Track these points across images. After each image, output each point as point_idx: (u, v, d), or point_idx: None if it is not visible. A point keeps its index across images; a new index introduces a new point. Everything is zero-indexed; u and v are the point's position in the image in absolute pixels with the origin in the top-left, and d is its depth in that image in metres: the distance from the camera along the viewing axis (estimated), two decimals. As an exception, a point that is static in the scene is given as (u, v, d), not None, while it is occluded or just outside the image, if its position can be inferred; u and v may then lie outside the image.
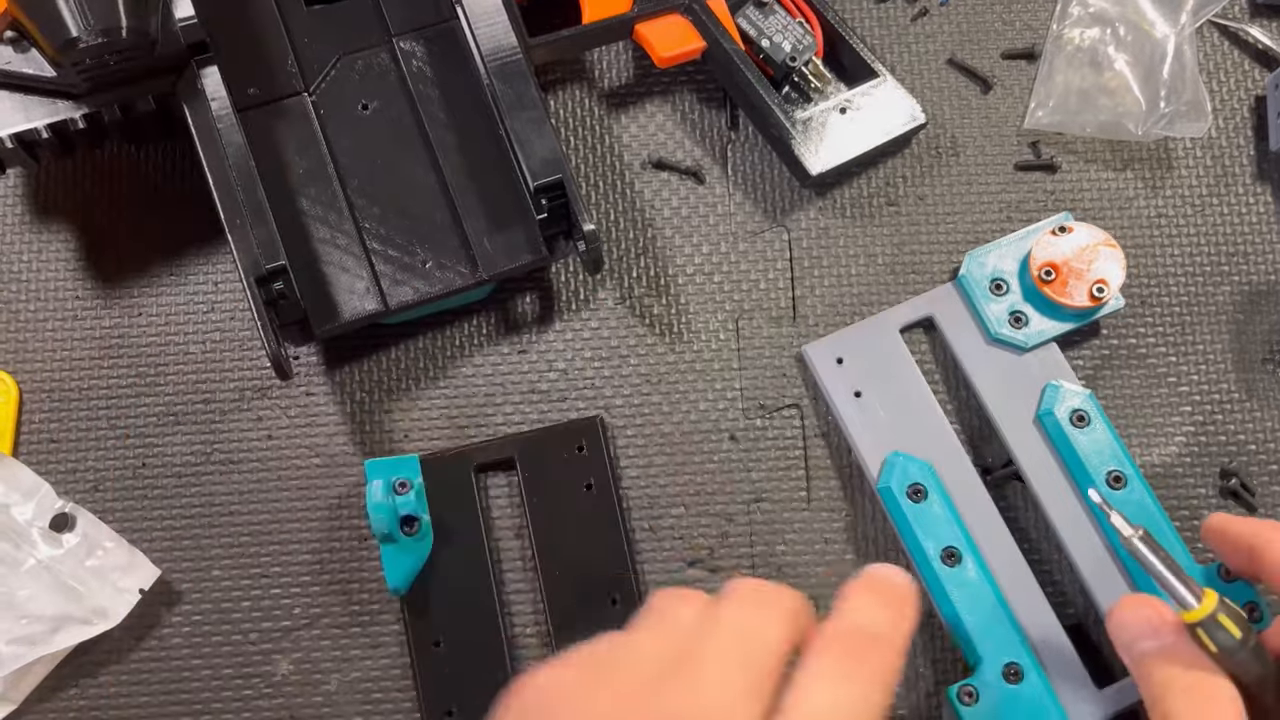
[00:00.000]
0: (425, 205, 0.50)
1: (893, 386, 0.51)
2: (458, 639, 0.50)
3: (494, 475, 0.52)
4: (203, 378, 0.53)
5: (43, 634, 0.48)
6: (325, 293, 0.49)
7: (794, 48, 0.54)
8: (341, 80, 0.51)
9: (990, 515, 0.49)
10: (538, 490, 0.51)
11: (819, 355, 0.52)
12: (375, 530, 0.47)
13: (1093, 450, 0.49)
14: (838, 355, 0.52)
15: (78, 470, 0.52)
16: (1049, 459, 0.50)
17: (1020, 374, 0.51)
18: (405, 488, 0.48)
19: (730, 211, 0.56)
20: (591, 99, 0.57)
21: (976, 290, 0.52)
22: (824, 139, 0.53)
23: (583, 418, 0.52)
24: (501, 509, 0.52)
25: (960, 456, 0.50)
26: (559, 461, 0.51)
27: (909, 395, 0.51)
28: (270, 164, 0.49)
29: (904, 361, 0.52)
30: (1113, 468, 0.49)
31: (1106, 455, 0.49)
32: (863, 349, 0.52)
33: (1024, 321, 0.51)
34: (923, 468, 0.49)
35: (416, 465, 0.50)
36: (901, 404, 0.51)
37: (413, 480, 0.49)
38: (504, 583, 0.51)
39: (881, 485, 0.49)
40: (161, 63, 0.47)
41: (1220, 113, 0.57)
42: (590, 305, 0.54)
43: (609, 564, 0.50)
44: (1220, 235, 0.56)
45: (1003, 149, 0.56)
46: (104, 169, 0.55)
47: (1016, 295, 0.52)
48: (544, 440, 0.52)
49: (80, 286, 0.54)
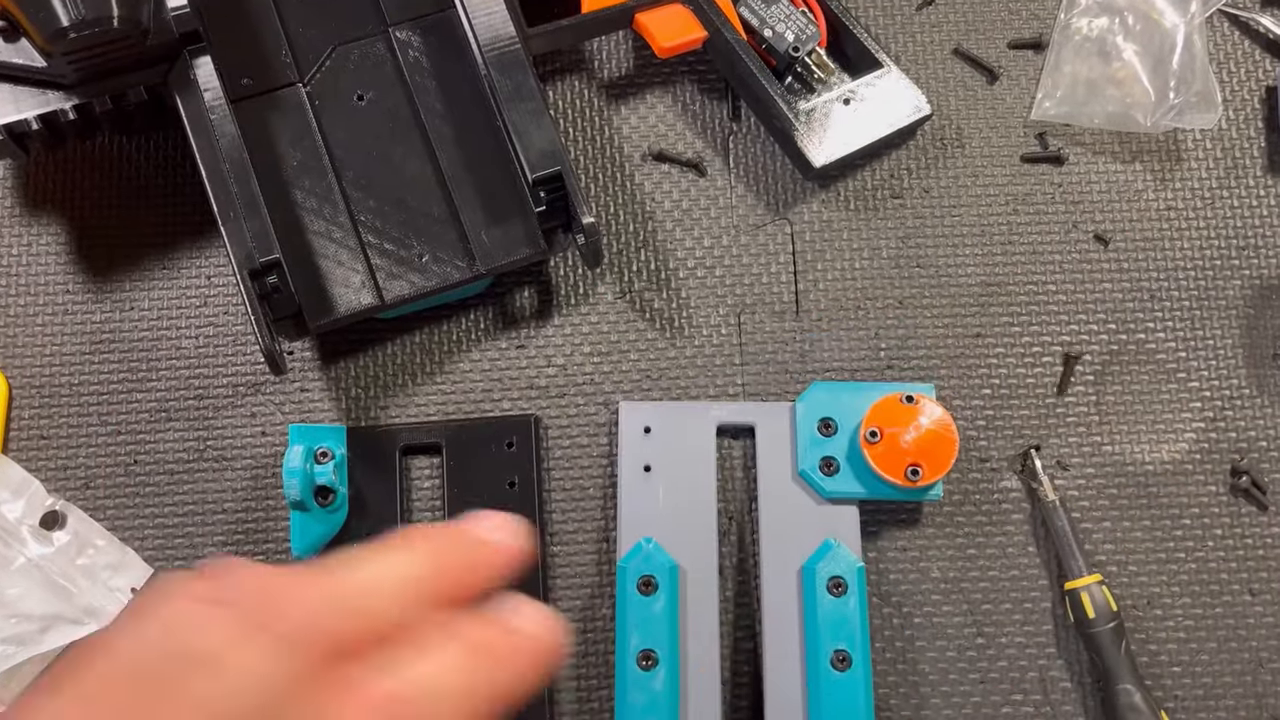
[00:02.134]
0: (422, 198, 0.50)
1: (683, 477, 0.50)
2: None
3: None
4: (195, 373, 0.53)
5: (32, 634, 0.49)
6: (320, 287, 0.49)
7: (797, 37, 0.54)
8: (337, 70, 0.51)
9: (710, 643, 0.48)
10: (460, 480, 0.51)
11: (629, 416, 0.51)
12: (287, 496, 0.48)
13: (834, 621, 0.47)
14: (647, 424, 0.51)
15: (68, 467, 0.52)
16: (791, 609, 0.49)
17: (808, 518, 0.50)
18: (326, 457, 0.49)
19: (732, 204, 0.56)
20: (591, 90, 0.57)
21: (806, 420, 0.50)
22: (827, 130, 0.53)
23: (520, 414, 0.52)
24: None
25: (711, 573, 0.49)
26: (486, 455, 0.51)
27: (693, 492, 0.50)
28: (264, 156, 0.49)
29: (705, 459, 0.51)
30: (842, 647, 0.47)
31: (844, 631, 0.47)
32: (673, 429, 0.51)
33: (835, 469, 0.50)
34: (668, 565, 0.48)
35: (343, 436, 0.50)
36: (682, 497, 0.50)
37: (335, 450, 0.49)
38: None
39: (621, 563, 0.49)
40: (153, 52, 0.47)
41: (1231, 104, 0.57)
42: (589, 300, 0.54)
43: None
44: (1230, 228, 0.56)
45: (1009, 141, 0.57)
46: (95, 160, 0.55)
47: (841, 442, 0.50)
48: (474, 431, 0.52)
49: (70, 280, 0.54)
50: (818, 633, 0.47)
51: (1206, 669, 0.51)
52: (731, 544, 0.51)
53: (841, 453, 0.50)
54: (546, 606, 0.31)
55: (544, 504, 0.52)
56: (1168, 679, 0.50)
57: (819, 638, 0.47)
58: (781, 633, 0.48)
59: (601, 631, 0.51)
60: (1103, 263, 0.55)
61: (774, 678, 0.48)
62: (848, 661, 0.47)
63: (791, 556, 0.49)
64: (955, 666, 0.50)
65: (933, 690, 0.50)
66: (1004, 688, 0.50)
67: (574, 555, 0.51)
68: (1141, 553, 0.52)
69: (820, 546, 0.49)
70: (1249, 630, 0.51)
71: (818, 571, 0.48)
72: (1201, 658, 0.51)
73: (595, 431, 0.53)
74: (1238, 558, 0.52)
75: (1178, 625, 0.51)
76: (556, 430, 0.53)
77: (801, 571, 0.49)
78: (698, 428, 0.51)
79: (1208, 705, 0.50)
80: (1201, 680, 0.51)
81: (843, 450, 0.50)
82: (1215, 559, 0.52)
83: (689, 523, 0.50)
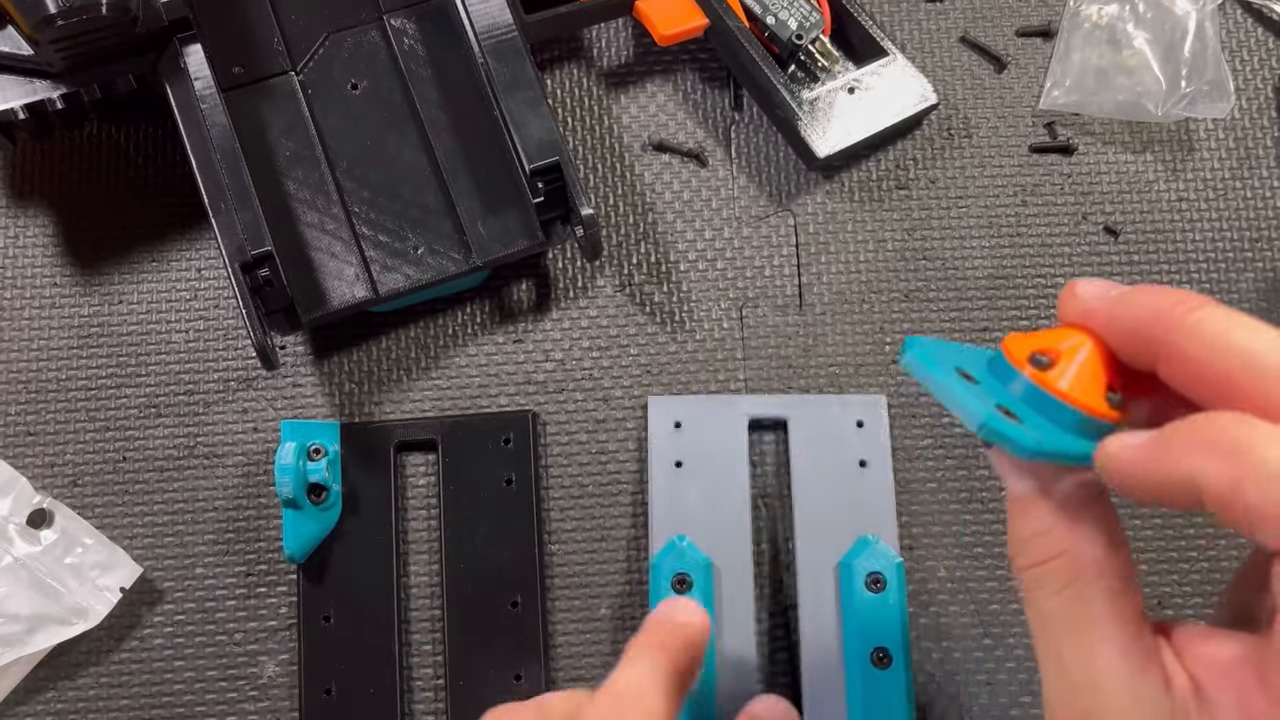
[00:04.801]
0: (417, 188, 0.51)
1: (716, 472, 0.50)
2: (348, 616, 0.50)
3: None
4: (185, 368, 0.53)
5: (19, 634, 0.49)
6: (313, 279, 0.49)
7: (800, 25, 0.54)
8: (330, 59, 0.51)
9: (746, 641, 0.48)
10: (455, 478, 0.51)
11: (658, 411, 0.52)
12: (279, 493, 0.48)
13: (873, 618, 0.47)
14: (677, 419, 0.51)
15: (55, 464, 0.52)
16: (829, 605, 0.49)
17: (847, 513, 0.50)
18: (319, 454, 0.49)
19: (734, 195, 0.56)
20: (590, 78, 0.57)
21: (939, 369, 0.31)
22: (831, 120, 0.53)
23: (517, 410, 0.53)
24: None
25: (746, 569, 0.49)
26: (483, 451, 0.51)
27: (726, 488, 0.50)
28: (256, 145, 0.49)
29: (737, 454, 0.51)
30: (882, 644, 0.47)
31: (884, 628, 0.47)
32: (704, 423, 0.51)
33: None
34: (702, 563, 0.48)
35: (336, 432, 0.51)
36: (715, 493, 0.50)
37: (328, 447, 0.50)
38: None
39: (655, 560, 0.49)
40: (142, 40, 0.47)
41: (1243, 93, 0.57)
42: (588, 293, 0.54)
43: (517, 564, 0.50)
44: (1243, 220, 0.56)
45: (1017, 130, 0.57)
46: (83, 151, 0.55)
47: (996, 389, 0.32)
48: (470, 426, 0.52)
49: (58, 273, 0.54)
50: (857, 629, 0.47)
51: (1219, 670, 0.51)
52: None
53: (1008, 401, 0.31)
54: None
55: (542, 501, 0.52)
56: (1179, 680, 0.50)
57: (858, 634, 0.47)
58: (819, 629, 0.49)
59: (606, 628, 0.51)
60: (1113, 255, 0.55)
61: (811, 674, 0.48)
62: (888, 659, 0.47)
63: (827, 552, 0.49)
64: (962, 667, 0.50)
65: (939, 690, 0.50)
66: (1012, 689, 0.50)
67: (572, 554, 0.51)
68: (1152, 551, 0.52)
69: (857, 542, 0.49)
70: (1262, 630, 0.51)
71: (855, 567, 0.48)
72: (1213, 658, 0.51)
73: (594, 428, 0.53)
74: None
75: (1189, 625, 0.51)
76: (555, 426, 0.53)
77: (839, 567, 0.49)
78: (729, 422, 0.51)
79: (1220, 707, 0.50)
80: (1213, 681, 0.51)
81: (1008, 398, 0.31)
82: (1227, 558, 0.52)
83: (722, 519, 0.50)
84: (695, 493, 0.50)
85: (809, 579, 0.49)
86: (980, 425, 0.28)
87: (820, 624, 0.49)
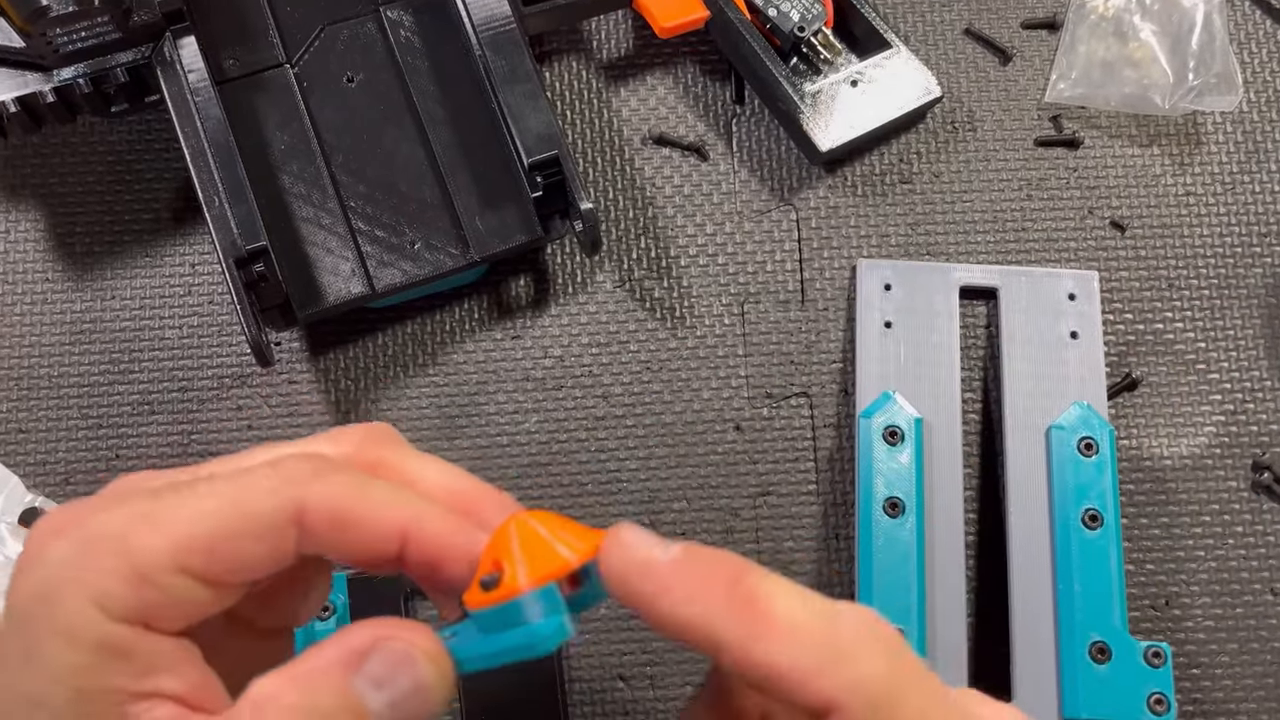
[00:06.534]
0: (414, 183, 0.51)
1: (924, 334, 0.52)
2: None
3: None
4: (179, 365, 0.53)
5: (12, 634, 0.49)
6: (308, 275, 0.49)
7: (803, 17, 0.54)
8: (325, 51, 0.51)
9: (954, 496, 0.50)
10: None
11: (868, 273, 0.53)
12: None
13: (1085, 481, 0.49)
14: (887, 281, 0.53)
15: (47, 462, 0.52)
16: (1039, 467, 0.50)
17: (1056, 382, 0.51)
18: (327, 611, 0.48)
19: (735, 189, 0.56)
20: (589, 71, 0.57)
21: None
22: (834, 113, 0.54)
23: None
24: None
25: (955, 429, 0.51)
26: None
27: (936, 349, 0.52)
28: (250, 139, 0.50)
29: (948, 317, 0.52)
30: (1093, 506, 0.48)
31: (1095, 491, 0.49)
32: (915, 286, 0.53)
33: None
34: (912, 419, 0.50)
35: (343, 585, 0.48)
36: (924, 354, 0.52)
37: (335, 602, 0.48)
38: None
39: (864, 413, 0.50)
40: (136, 32, 0.47)
41: (1252, 85, 0.57)
42: (588, 288, 0.55)
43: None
44: (1252, 214, 0.56)
45: (1022, 124, 0.57)
46: (75, 144, 0.56)
47: None
48: None
49: (50, 269, 0.54)
50: (1068, 491, 0.49)
51: (1227, 670, 0.51)
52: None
53: None
54: None
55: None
56: (1186, 680, 0.51)
57: (1069, 496, 0.49)
58: (1028, 490, 0.50)
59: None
60: (1119, 250, 0.55)
61: (1019, 535, 0.49)
62: (1099, 520, 0.48)
63: (1036, 417, 0.51)
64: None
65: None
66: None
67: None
68: (1160, 550, 0.52)
69: (1068, 409, 0.50)
70: (1270, 631, 0.51)
71: (1068, 431, 0.49)
72: (1221, 659, 0.51)
73: (594, 425, 0.53)
74: (1259, 556, 0.52)
75: (1197, 625, 0.51)
76: (553, 424, 0.53)
77: (1049, 431, 0.50)
78: (940, 287, 0.53)
79: (1228, 709, 0.50)
80: (1222, 682, 0.51)
81: None
82: (1236, 557, 0.52)
83: (930, 381, 0.51)
84: (904, 352, 0.52)
85: (1018, 442, 0.50)
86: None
87: (1030, 487, 0.50)
